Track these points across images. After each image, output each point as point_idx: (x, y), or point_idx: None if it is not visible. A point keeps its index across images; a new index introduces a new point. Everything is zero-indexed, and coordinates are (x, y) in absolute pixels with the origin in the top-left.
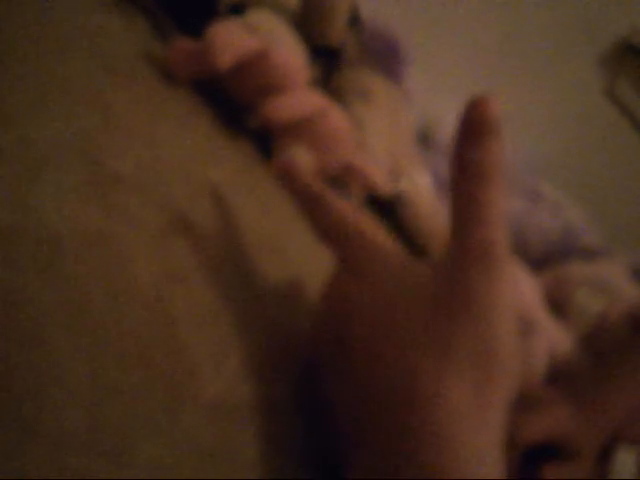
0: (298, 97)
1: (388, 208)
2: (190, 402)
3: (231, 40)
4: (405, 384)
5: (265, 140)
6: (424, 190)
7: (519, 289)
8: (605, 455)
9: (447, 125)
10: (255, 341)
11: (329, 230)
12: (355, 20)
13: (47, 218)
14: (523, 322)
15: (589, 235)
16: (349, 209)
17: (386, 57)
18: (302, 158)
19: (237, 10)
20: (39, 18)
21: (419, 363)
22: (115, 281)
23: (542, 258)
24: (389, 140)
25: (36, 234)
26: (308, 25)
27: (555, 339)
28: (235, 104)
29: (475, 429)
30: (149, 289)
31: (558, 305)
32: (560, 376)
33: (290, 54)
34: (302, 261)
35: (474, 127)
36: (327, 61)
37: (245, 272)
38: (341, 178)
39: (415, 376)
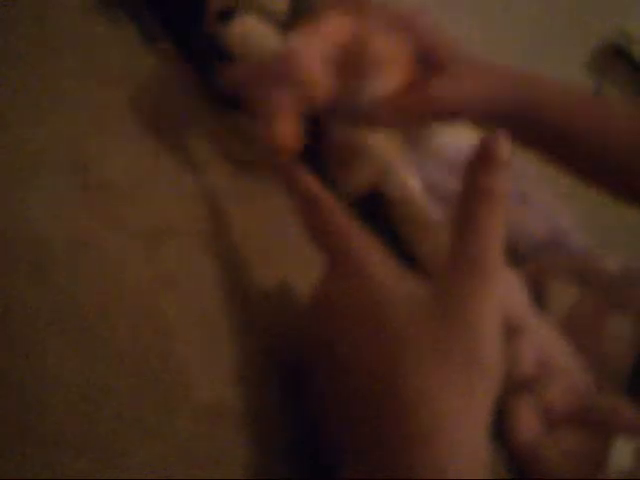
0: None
1: (376, 209)
2: (182, 406)
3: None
4: (396, 386)
5: None
6: (413, 192)
7: (510, 294)
8: None
9: (438, 127)
10: (246, 345)
11: (321, 231)
12: None
13: (38, 224)
14: (512, 325)
15: (578, 238)
16: (343, 212)
17: None
18: None
19: (225, 16)
20: (31, 24)
21: (411, 366)
22: (106, 287)
23: (529, 259)
24: (379, 141)
25: (27, 240)
26: (297, 29)
27: (545, 339)
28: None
29: (465, 430)
30: (140, 295)
31: (538, 296)
32: None
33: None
34: (293, 265)
35: (486, 158)
36: None
37: (236, 277)
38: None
39: (406, 378)
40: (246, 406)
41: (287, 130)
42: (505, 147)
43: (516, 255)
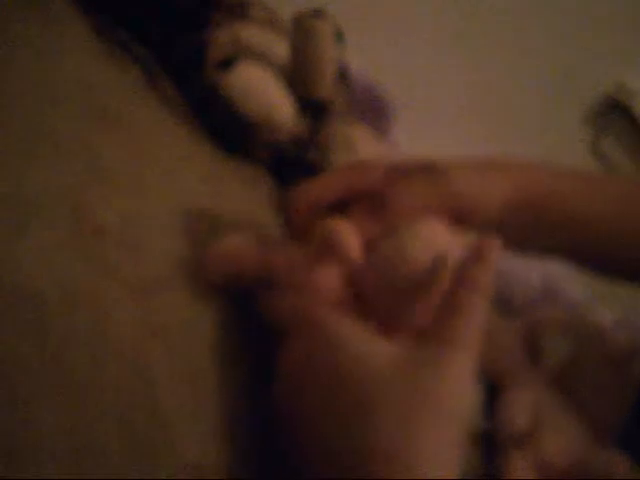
0: None
1: None
2: (166, 463)
3: None
4: (367, 443)
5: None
6: None
7: (503, 350)
8: None
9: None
10: (232, 402)
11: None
12: (344, 75)
13: (32, 273)
14: (506, 381)
15: (573, 289)
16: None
17: (373, 111)
18: None
19: (227, 64)
20: (29, 67)
21: (381, 424)
22: (96, 338)
23: (523, 309)
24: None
25: (20, 289)
26: (298, 79)
27: (539, 394)
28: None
29: None
30: (130, 346)
31: (531, 348)
32: None
33: None
34: None
35: (477, 254)
36: (316, 114)
37: (226, 329)
38: None
39: (379, 435)
40: (229, 463)
41: None
42: (496, 251)
43: (511, 307)
